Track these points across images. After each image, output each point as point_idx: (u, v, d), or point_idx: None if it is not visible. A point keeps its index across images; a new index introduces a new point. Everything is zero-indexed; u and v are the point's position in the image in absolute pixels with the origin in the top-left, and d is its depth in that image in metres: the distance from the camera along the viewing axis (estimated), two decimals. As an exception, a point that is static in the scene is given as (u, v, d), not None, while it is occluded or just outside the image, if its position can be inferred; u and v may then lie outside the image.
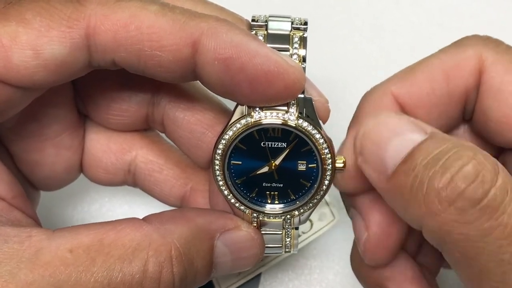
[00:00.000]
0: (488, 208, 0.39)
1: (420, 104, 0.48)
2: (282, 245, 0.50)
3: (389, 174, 0.43)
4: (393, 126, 0.45)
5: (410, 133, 0.44)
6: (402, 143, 0.43)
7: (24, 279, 0.39)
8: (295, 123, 0.44)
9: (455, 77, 0.48)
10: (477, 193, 0.39)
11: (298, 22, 0.46)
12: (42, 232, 0.41)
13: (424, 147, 0.42)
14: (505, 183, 0.40)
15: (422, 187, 0.41)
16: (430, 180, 0.41)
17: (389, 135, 0.44)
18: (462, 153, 0.41)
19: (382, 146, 0.44)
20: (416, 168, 0.42)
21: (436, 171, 0.41)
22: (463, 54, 0.48)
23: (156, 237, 0.43)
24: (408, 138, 0.43)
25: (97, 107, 0.52)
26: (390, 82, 0.49)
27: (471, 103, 0.49)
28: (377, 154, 0.44)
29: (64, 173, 0.54)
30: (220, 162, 0.46)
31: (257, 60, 0.41)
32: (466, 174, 0.40)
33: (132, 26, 0.42)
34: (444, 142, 0.42)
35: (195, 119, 0.50)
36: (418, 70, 0.49)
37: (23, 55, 0.41)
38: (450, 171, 0.40)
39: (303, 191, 0.48)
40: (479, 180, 0.39)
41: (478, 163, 0.40)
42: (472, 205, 0.39)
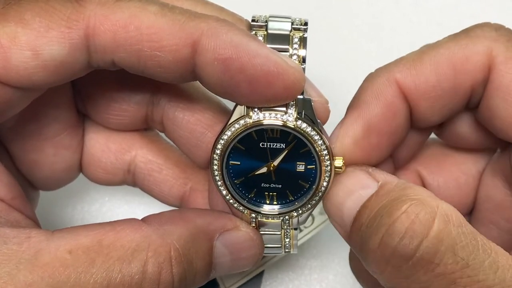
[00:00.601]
0: (422, 261, 0.39)
1: (425, 95, 0.47)
2: (282, 245, 0.50)
3: (347, 232, 0.44)
4: (349, 185, 0.45)
5: (362, 189, 0.44)
6: (354, 202, 0.44)
7: (23, 280, 0.39)
8: (294, 124, 0.44)
9: (463, 72, 0.47)
10: (407, 249, 0.39)
11: (298, 22, 0.46)
12: (41, 233, 0.41)
13: (368, 204, 0.43)
14: (440, 232, 0.39)
15: (366, 247, 0.42)
16: (369, 241, 0.41)
17: (344, 195, 0.45)
18: (395, 207, 0.40)
19: (340, 207, 0.45)
20: (362, 227, 0.42)
21: (371, 231, 0.41)
22: (473, 47, 0.47)
23: (155, 238, 0.43)
24: (359, 195, 0.44)
25: (96, 107, 0.52)
26: (396, 68, 0.48)
27: (477, 96, 0.48)
28: (337, 214, 0.45)
29: (64, 172, 0.54)
30: (218, 162, 0.46)
31: (256, 60, 0.41)
32: (395, 231, 0.39)
33: (132, 27, 0.42)
34: (387, 196, 0.42)
35: (194, 119, 0.50)
36: (426, 60, 0.47)
37: (22, 56, 0.41)
38: (381, 231, 0.40)
39: (301, 192, 0.48)
40: (408, 236, 0.39)
41: (408, 216, 0.40)
42: (405, 261, 0.39)
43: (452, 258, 0.39)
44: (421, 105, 0.48)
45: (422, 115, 0.48)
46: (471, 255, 0.39)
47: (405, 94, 0.47)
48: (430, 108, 0.48)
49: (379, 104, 0.47)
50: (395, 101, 0.47)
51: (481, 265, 0.39)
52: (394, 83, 0.47)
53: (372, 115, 0.47)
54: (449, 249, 0.39)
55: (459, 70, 0.47)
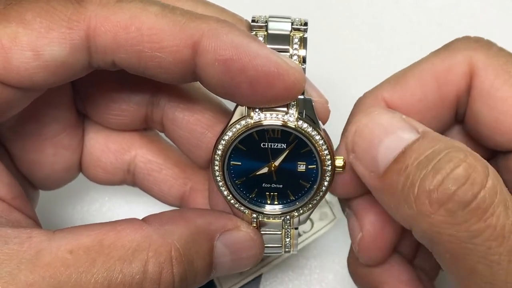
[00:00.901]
0: (478, 210, 0.39)
1: (412, 109, 0.48)
2: (282, 245, 0.50)
3: (380, 172, 0.43)
4: (385, 124, 0.44)
5: (402, 132, 0.44)
6: (394, 142, 0.43)
7: (25, 280, 0.39)
8: (295, 124, 0.44)
9: (446, 82, 0.48)
10: (467, 195, 0.39)
11: (298, 22, 0.46)
12: (42, 233, 0.41)
13: (416, 147, 0.42)
14: (495, 185, 0.40)
15: (413, 188, 0.41)
16: (421, 181, 0.41)
17: (381, 133, 0.44)
18: (453, 154, 0.41)
19: (374, 144, 0.44)
20: (408, 168, 0.42)
21: (427, 172, 0.41)
22: (454, 58, 0.48)
23: (156, 238, 0.43)
24: (400, 137, 0.43)
25: (96, 107, 0.52)
26: (382, 88, 0.49)
27: (463, 106, 0.49)
28: (369, 152, 0.44)
29: (63, 172, 0.54)
30: (219, 163, 0.46)
31: (257, 61, 0.41)
32: (457, 177, 0.40)
33: (133, 27, 0.42)
34: (436, 143, 0.42)
35: (194, 119, 0.50)
36: (410, 76, 0.49)
37: (23, 56, 0.41)
38: (441, 173, 0.40)
39: (302, 192, 0.48)
40: (469, 183, 0.40)
41: (469, 165, 0.40)
42: (462, 207, 0.40)
43: (504, 212, 0.39)
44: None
45: None
46: None
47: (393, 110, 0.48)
48: (419, 121, 0.48)
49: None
50: None
51: None
52: (381, 101, 0.48)
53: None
54: (502, 202, 0.40)
55: (443, 81, 0.48)
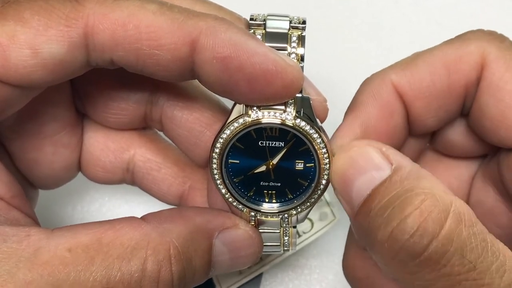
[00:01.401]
0: (430, 261, 0.38)
1: (419, 95, 0.48)
2: (281, 243, 0.50)
3: (355, 212, 0.43)
4: (360, 162, 0.43)
5: (375, 170, 0.42)
6: (365, 182, 0.42)
7: (23, 278, 0.39)
8: (293, 122, 0.44)
9: (456, 71, 0.47)
10: (416, 247, 0.38)
11: (296, 21, 0.46)
12: (41, 231, 0.41)
13: (381, 189, 0.41)
14: (451, 232, 0.38)
15: (375, 235, 0.41)
16: (379, 230, 0.40)
17: (355, 172, 0.43)
18: (408, 200, 0.39)
19: (349, 183, 0.43)
20: (371, 213, 0.41)
21: (381, 222, 0.40)
22: (466, 48, 0.47)
23: (154, 236, 0.43)
24: (371, 177, 0.42)
25: (95, 106, 0.52)
26: (391, 70, 0.48)
27: (470, 98, 0.49)
28: (346, 191, 0.44)
29: (63, 171, 0.54)
30: (217, 161, 0.46)
31: (255, 59, 0.41)
32: (406, 227, 0.39)
33: (131, 25, 0.42)
34: (401, 183, 0.41)
35: (193, 117, 0.50)
36: (420, 61, 0.48)
37: (21, 54, 0.41)
38: (391, 224, 0.39)
39: (300, 190, 0.48)
40: (418, 234, 0.38)
41: (421, 213, 0.39)
42: (412, 258, 0.39)
43: (459, 260, 0.38)
44: (416, 106, 0.48)
45: (418, 116, 0.48)
46: (479, 258, 0.39)
47: (400, 94, 0.48)
48: (425, 109, 0.48)
49: (375, 104, 0.47)
50: (391, 100, 0.47)
51: (488, 269, 0.39)
52: (389, 83, 0.48)
53: (370, 115, 0.47)
54: (458, 250, 0.38)
55: (453, 69, 0.47)
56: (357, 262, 0.51)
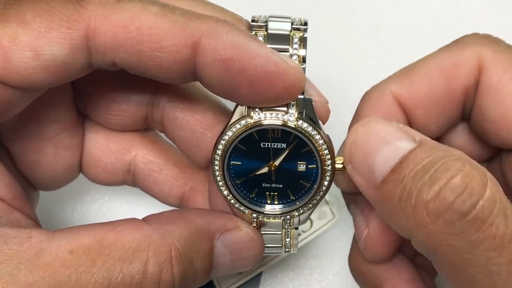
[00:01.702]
0: (476, 220, 0.39)
1: (419, 103, 0.48)
2: (282, 245, 0.50)
3: (378, 183, 0.43)
4: (382, 134, 0.44)
5: (399, 141, 0.43)
6: (390, 152, 0.42)
7: (24, 280, 0.39)
8: (295, 124, 0.44)
9: (454, 77, 0.48)
10: (465, 205, 0.39)
11: (298, 22, 0.46)
12: (42, 233, 0.41)
13: (412, 157, 0.41)
14: (493, 194, 0.39)
15: (411, 198, 0.40)
16: (419, 192, 0.40)
17: (378, 143, 0.43)
18: (450, 164, 0.40)
19: (371, 155, 0.43)
20: (405, 178, 0.41)
21: (424, 182, 0.40)
22: (462, 53, 0.48)
23: (156, 238, 0.43)
24: (397, 147, 0.42)
25: (96, 107, 0.52)
26: (390, 81, 0.49)
27: (470, 102, 0.49)
28: (366, 163, 0.43)
29: (64, 173, 0.54)
30: (219, 163, 0.46)
31: (257, 61, 0.41)
32: (454, 186, 0.39)
33: (132, 27, 0.42)
34: (433, 152, 0.41)
35: (194, 119, 0.50)
36: (417, 70, 0.49)
37: (23, 56, 0.41)
38: (438, 183, 0.40)
39: (302, 191, 0.48)
40: (467, 192, 0.39)
41: (466, 174, 0.39)
42: (460, 217, 0.39)
43: (504, 221, 0.39)
44: (417, 114, 0.48)
45: (420, 124, 0.49)
46: None
47: (401, 104, 0.48)
48: (426, 116, 0.48)
49: (377, 114, 0.48)
50: (392, 111, 0.48)
51: None
52: (389, 94, 0.48)
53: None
54: (501, 211, 0.39)
55: (450, 75, 0.48)
56: (360, 258, 0.52)
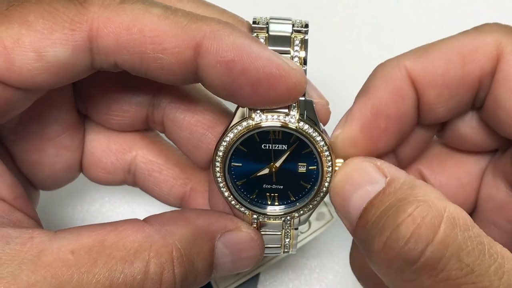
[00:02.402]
0: (426, 267, 0.38)
1: (433, 83, 0.47)
2: (281, 245, 0.50)
3: (353, 227, 0.44)
4: (356, 177, 0.44)
5: (369, 184, 0.43)
6: (361, 197, 0.43)
7: (26, 280, 0.39)
8: (296, 125, 0.45)
9: (471, 61, 0.47)
10: (411, 254, 0.39)
11: (299, 24, 0.46)
12: (44, 233, 0.41)
13: (375, 202, 0.42)
14: (446, 237, 0.38)
15: (371, 246, 0.41)
16: (373, 242, 0.41)
17: (351, 188, 0.44)
18: (402, 209, 0.40)
19: (346, 200, 0.44)
20: (367, 226, 0.42)
21: (375, 232, 0.40)
22: (483, 39, 0.47)
23: (157, 239, 0.43)
24: (366, 191, 0.43)
25: (97, 108, 0.52)
26: (406, 56, 0.48)
27: (484, 90, 0.48)
28: (343, 207, 0.44)
29: (64, 173, 0.54)
30: (220, 164, 0.46)
31: (259, 63, 0.42)
32: (399, 235, 0.39)
33: (135, 29, 0.42)
34: (394, 194, 0.41)
35: (195, 120, 0.50)
36: (436, 49, 0.48)
37: (26, 57, 0.41)
38: (385, 233, 0.40)
39: (303, 192, 0.48)
40: (413, 240, 0.39)
41: (413, 220, 0.39)
42: (409, 265, 0.39)
43: (457, 264, 0.38)
44: (429, 93, 0.48)
45: (429, 105, 0.48)
46: (477, 260, 0.38)
47: (413, 80, 0.47)
48: (437, 97, 0.48)
49: (388, 88, 0.47)
50: (403, 85, 0.47)
51: (486, 271, 0.38)
52: (403, 69, 0.47)
53: (381, 98, 0.47)
54: (454, 254, 0.38)
55: (468, 59, 0.47)
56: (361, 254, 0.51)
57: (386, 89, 0.47)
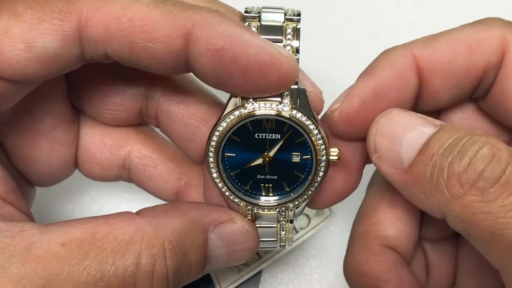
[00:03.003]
0: (508, 184, 0.41)
1: (439, 71, 0.48)
2: (277, 239, 0.50)
3: (405, 167, 0.44)
4: (404, 121, 0.45)
5: (422, 126, 0.45)
6: (416, 136, 0.44)
7: (16, 273, 0.39)
8: (289, 113, 0.44)
9: (478, 52, 0.48)
10: (495, 172, 0.41)
11: (291, 13, 0.46)
12: (35, 226, 0.41)
13: (438, 137, 0.43)
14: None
15: (443, 173, 0.42)
16: (450, 165, 0.42)
17: (402, 130, 0.45)
18: (476, 138, 0.42)
19: (397, 141, 0.45)
20: (434, 157, 0.43)
21: (454, 156, 0.42)
22: (489, 31, 0.48)
23: (149, 230, 0.43)
24: (421, 131, 0.44)
25: (90, 101, 0.52)
26: (413, 43, 0.49)
27: (486, 81, 0.49)
28: (392, 150, 0.45)
29: (59, 168, 0.54)
30: (214, 154, 0.46)
31: (250, 50, 0.41)
32: (483, 156, 0.41)
33: (124, 18, 0.42)
34: (456, 131, 0.43)
35: (189, 112, 0.50)
36: (443, 38, 0.49)
37: (15, 48, 0.41)
38: (468, 155, 0.42)
39: (297, 183, 0.48)
40: (495, 160, 0.41)
41: (492, 145, 0.42)
42: (492, 183, 0.41)
43: None
44: (434, 81, 0.48)
45: (433, 93, 0.49)
46: None
47: (420, 68, 0.48)
48: (442, 85, 0.48)
49: (392, 71, 0.47)
50: (408, 72, 0.48)
51: None
52: (410, 55, 0.48)
53: (384, 79, 0.47)
54: None
55: (475, 49, 0.48)
56: (362, 257, 0.51)
57: (391, 73, 0.48)
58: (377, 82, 0.47)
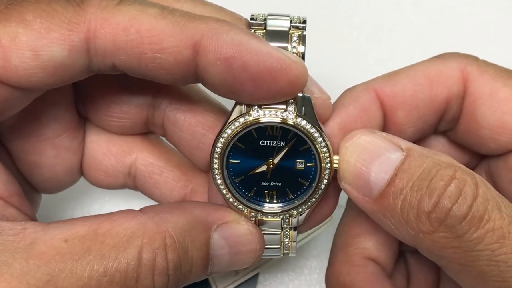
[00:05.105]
0: (474, 220, 0.42)
1: (401, 105, 0.49)
2: (281, 246, 0.50)
3: (375, 196, 0.44)
4: (371, 147, 0.45)
5: (388, 152, 0.45)
6: (383, 165, 0.44)
7: (20, 268, 0.39)
8: (294, 121, 0.44)
9: (438, 84, 0.49)
10: (462, 209, 0.42)
11: (297, 20, 0.46)
12: (37, 224, 0.42)
13: (406, 168, 0.44)
14: (485, 193, 0.42)
15: (413, 210, 0.43)
16: (420, 203, 0.43)
17: (369, 157, 0.45)
18: (443, 173, 0.43)
19: (364, 169, 0.45)
20: (404, 190, 0.43)
21: (423, 193, 0.43)
22: (447, 63, 0.50)
23: (150, 225, 0.43)
24: (388, 158, 0.45)
25: (97, 109, 0.52)
26: (374, 81, 0.50)
27: (450, 112, 0.50)
28: (360, 178, 0.45)
29: (64, 175, 0.54)
30: (218, 161, 0.46)
31: (259, 57, 0.42)
32: (450, 194, 0.42)
33: (132, 29, 0.42)
34: (424, 160, 0.44)
35: (196, 120, 0.50)
36: (403, 73, 0.50)
37: (22, 56, 0.41)
38: (436, 194, 0.42)
39: (301, 190, 0.48)
40: (462, 197, 0.42)
41: (459, 181, 0.43)
42: (459, 220, 0.42)
43: (499, 214, 0.42)
44: (398, 115, 0.49)
45: (397, 126, 0.50)
46: None
47: (383, 103, 0.49)
48: (406, 118, 0.49)
49: (356, 107, 0.48)
50: (372, 107, 0.49)
51: None
52: (372, 90, 0.49)
53: (349, 115, 0.48)
54: (495, 206, 0.42)
55: (435, 82, 0.49)
56: (343, 269, 0.52)
57: (355, 108, 0.49)
58: (342, 118, 0.48)
